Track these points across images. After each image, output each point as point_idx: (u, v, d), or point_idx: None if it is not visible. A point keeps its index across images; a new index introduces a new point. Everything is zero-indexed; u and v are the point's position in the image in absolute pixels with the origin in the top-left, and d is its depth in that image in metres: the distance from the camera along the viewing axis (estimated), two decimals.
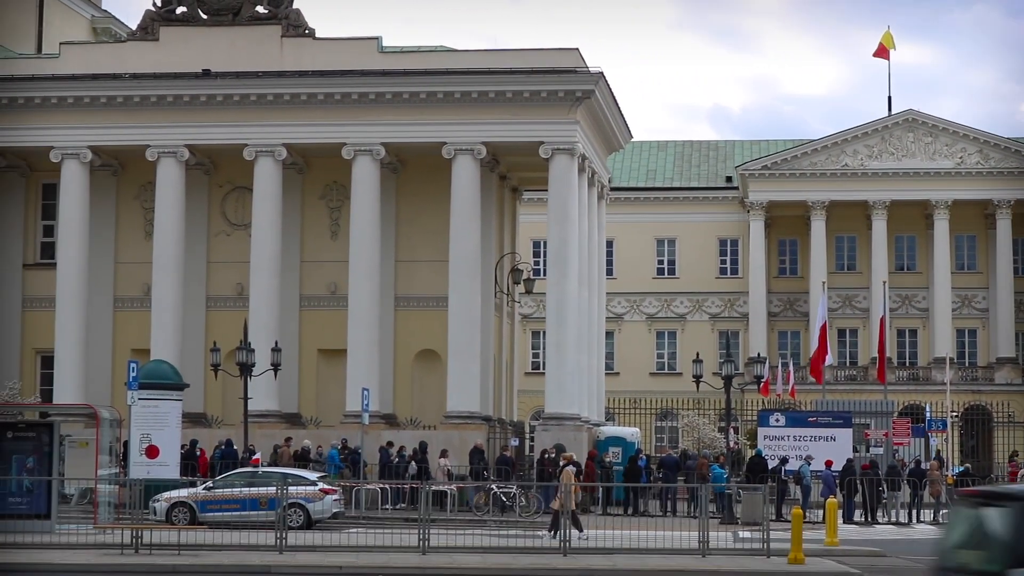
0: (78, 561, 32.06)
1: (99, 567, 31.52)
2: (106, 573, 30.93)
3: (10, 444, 39.45)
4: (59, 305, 56.62)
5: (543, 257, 68.70)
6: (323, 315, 58.25)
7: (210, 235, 59.11)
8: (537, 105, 55.12)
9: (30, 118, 56.72)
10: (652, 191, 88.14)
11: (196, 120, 56.19)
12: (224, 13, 56.55)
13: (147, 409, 43.86)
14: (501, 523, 42.85)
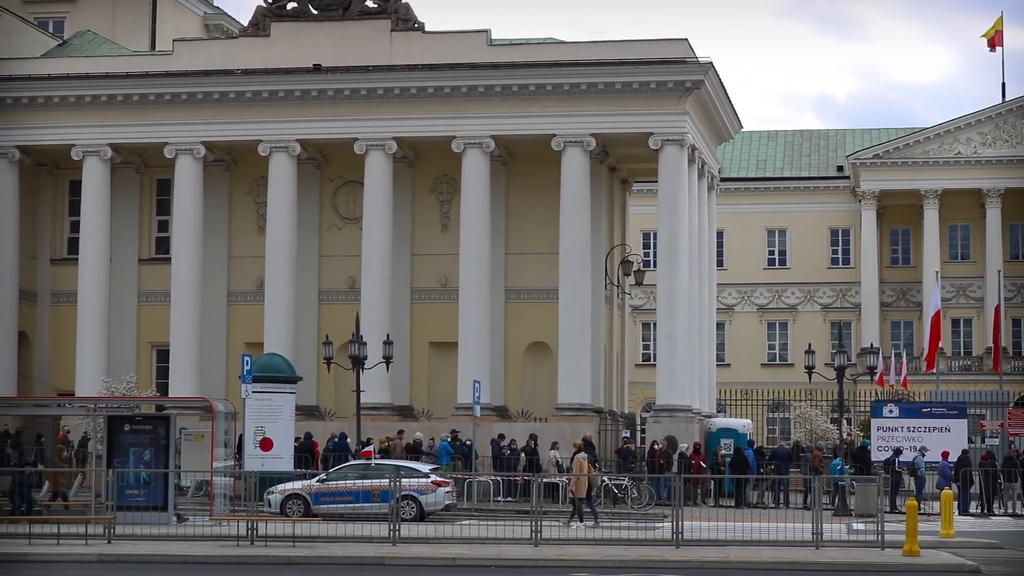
0: (195, 552, 32.44)
1: (216, 558, 31.88)
2: (223, 564, 31.27)
3: (128, 437, 39.99)
4: (174, 299, 57.26)
5: (653, 248, 68.45)
6: (434, 308, 58.48)
7: (322, 229, 59.52)
8: (646, 96, 54.99)
9: (145, 115, 57.39)
10: (762, 181, 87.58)
11: (307, 115, 56.59)
12: (334, 8, 56.89)
13: (261, 402, 44.25)
14: (613, 515, 42.83)
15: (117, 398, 49.04)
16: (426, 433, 53.40)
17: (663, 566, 30.10)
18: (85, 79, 57.49)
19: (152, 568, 30.63)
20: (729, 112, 62.43)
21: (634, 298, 72.61)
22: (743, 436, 56.58)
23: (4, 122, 57.91)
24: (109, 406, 42.52)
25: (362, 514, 40.31)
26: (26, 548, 32.85)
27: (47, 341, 60.74)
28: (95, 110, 57.59)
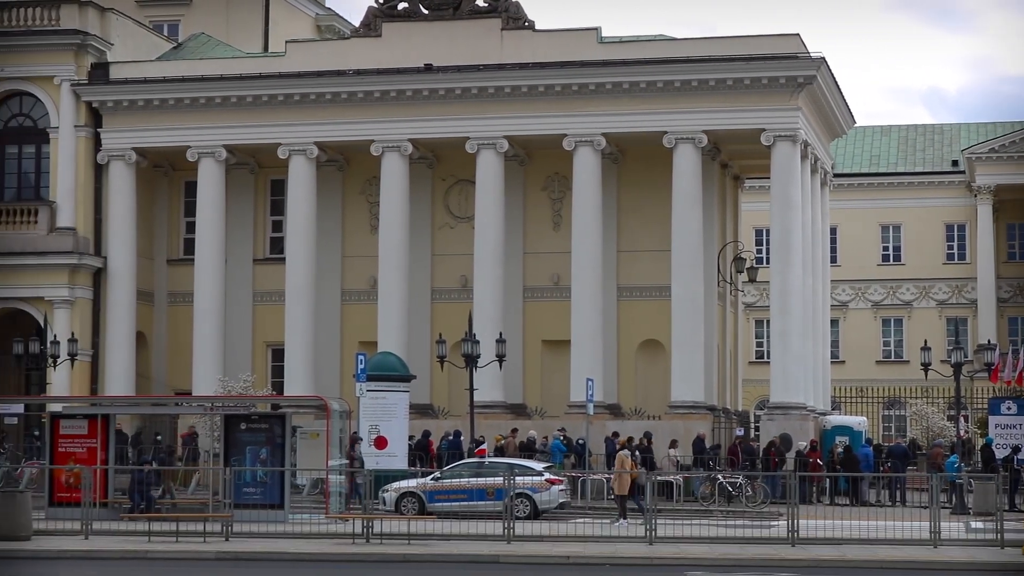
0: (311, 550, 32.69)
1: (332, 556, 32.11)
2: (339, 562, 31.49)
3: (244, 436, 40.34)
4: (288, 299, 57.72)
5: (766, 245, 68.08)
6: (546, 306, 58.51)
7: (434, 228, 59.74)
8: (758, 92, 54.71)
9: (258, 116, 57.88)
10: (876, 176, 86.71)
11: (419, 114, 56.82)
12: (445, 8, 57.08)
13: (375, 400, 44.50)
14: (727, 513, 42.65)
15: (233, 397, 49.53)
16: (539, 431, 53.44)
17: (779, 564, 29.92)
18: (200, 81, 58.11)
19: (269, 565, 30.89)
20: (841, 107, 61.94)
21: (747, 295, 72.20)
22: (858, 434, 56.10)
23: (121, 125, 58.62)
24: (226, 405, 42.95)
25: (476, 512, 40.41)
26: (146, 546, 33.27)
27: (164, 341, 61.42)
28: (209, 112, 58.18)
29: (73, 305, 57.85)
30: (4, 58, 58.24)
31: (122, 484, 42.58)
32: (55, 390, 55.73)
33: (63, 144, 58.32)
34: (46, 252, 57.80)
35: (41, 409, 50.51)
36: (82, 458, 40.54)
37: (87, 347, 57.67)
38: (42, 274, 57.75)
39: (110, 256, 58.57)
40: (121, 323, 58.44)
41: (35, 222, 58.27)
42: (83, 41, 58.20)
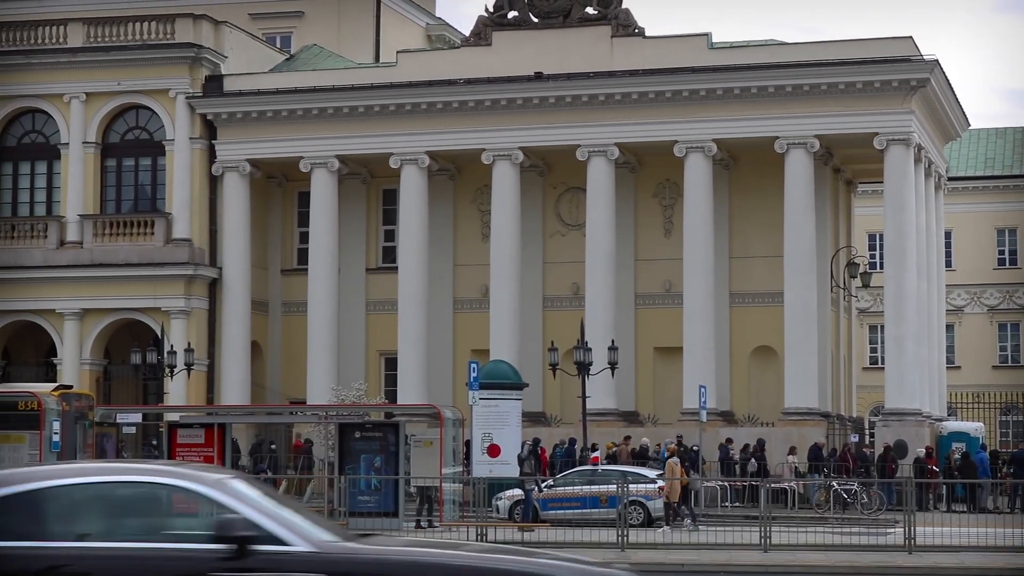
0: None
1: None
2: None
3: (358, 444, 40.62)
4: (401, 308, 58.01)
5: (879, 250, 67.43)
6: (658, 313, 58.39)
7: (545, 236, 59.82)
8: (871, 96, 54.28)
9: (370, 126, 58.27)
10: (991, 179, 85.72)
11: (529, 123, 56.92)
12: (554, 16, 57.17)
13: (488, 409, 44.62)
14: (843, 520, 42.32)
15: (347, 406, 49.80)
16: (652, 438, 53.31)
17: (896, 572, 29.66)
18: (312, 92, 58.61)
19: None
20: (955, 110, 61.33)
21: (860, 300, 71.61)
22: (975, 440, 55.46)
23: (235, 136, 59.25)
24: (340, 414, 43.25)
25: (589, 520, 40.38)
26: None
27: (279, 350, 61.95)
28: (322, 122, 58.65)
29: (189, 315, 58.52)
30: (121, 72, 59.06)
31: None
32: (172, 399, 56.36)
33: (178, 156, 59.03)
34: (163, 263, 58.50)
35: (158, 418, 51.12)
36: None
37: (203, 357, 58.31)
38: (159, 285, 58.46)
39: (225, 267, 59.19)
40: (236, 333, 59.02)
41: (152, 234, 59.01)
42: (198, 54, 58.89)
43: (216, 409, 52.20)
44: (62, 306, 58.88)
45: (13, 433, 36.51)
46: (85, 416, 39.23)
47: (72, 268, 58.89)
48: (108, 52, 59.29)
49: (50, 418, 35.91)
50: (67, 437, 36.99)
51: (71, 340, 58.90)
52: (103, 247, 58.97)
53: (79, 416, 38.63)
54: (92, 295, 58.75)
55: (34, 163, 60.96)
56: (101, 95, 59.53)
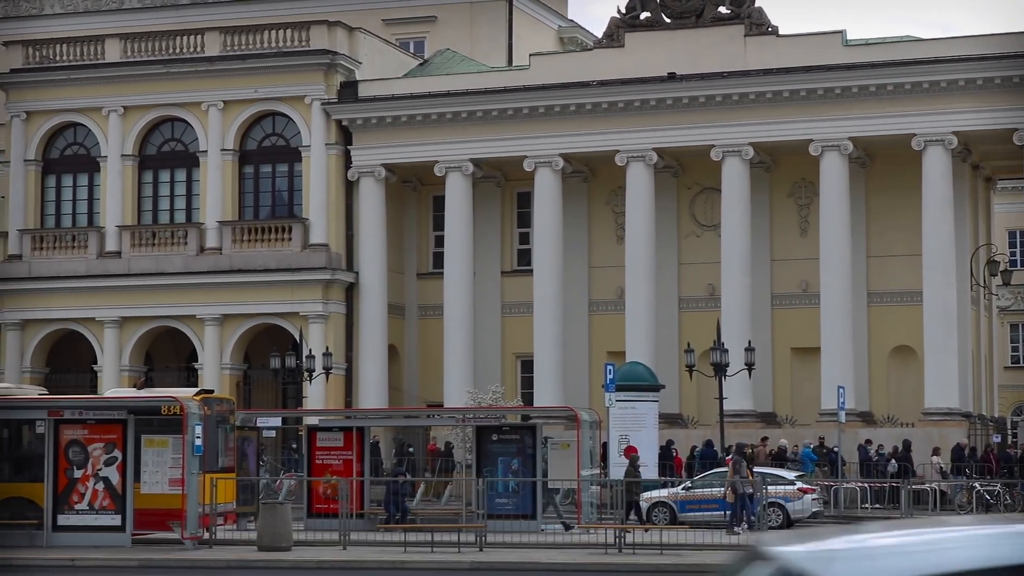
0: (565, 560, 32.87)
1: (585, 566, 32.25)
2: (592, 572, 31.63)
3: (495, 446, 40.82)
4: (536, 310, 58.12)
5: (1020, 247, 66.57)
6: (795, 313, 57.99)
7: (680, 236, 59.64)
8: (1009, 91, 53.51)
9: (504, 129, 58.46)
10: None
11: (663, 123, 56.80)
12: (687, 16, 57.01)
13: (624, 410, 44.57)
14: None
15: (484, 408, 49.97)
16: (790, 439, 52.96)
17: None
18: (446, 96, 58.93)
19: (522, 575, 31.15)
20: None
21: (1000, 298, 70.63)
22: None
23: (370, 142, 59.72)
24: (477, 416, 43.44)
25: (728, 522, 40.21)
26: (402, 556, 33.80)
27: (415, 354, 62.33)
28: (456, 126, 58.95)
29: (327, 320, 59.04)
30: (257, 80, 59.77)
31: (377, 495, 43.36)
32: (311, 403, 56.94)
33: (315, 162, 59.60)
34: (300, 268, 59.06)
35: (298, 422, 51.67)
36: (338, 470, 41.42)
37: (341, 361, 58.81)
38: (297, 290, 59.06)
39: (362, 271, 59.65)
40: (373, 337, 59.46)
41: (289, 239, 59.61)
42: (332, 61, 59.43)
43: (354, 413, 52.68)
44: (202, 312, 59.69)
45: (156, 437, 37.02)
46: (226, 420, 39.72)
47: (212, 274, 59.65)
48: (244, 60, 60.04)
49: (192, 422, 36.37)
50: (209, 441, 37.44)
51: (211, 345, 59.70)
52: (242, 253, 59.69)
53: (220, 420, 39.12)
54: (231, 301, 59.49)
55: (174, 171, 61.85)
56: (238, 103, 60.27)
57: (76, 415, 37.59)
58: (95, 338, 61.06)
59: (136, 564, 33.80)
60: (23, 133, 62.32)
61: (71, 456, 37.17)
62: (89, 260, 61.06)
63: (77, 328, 61.54)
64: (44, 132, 62.31)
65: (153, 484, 36.74)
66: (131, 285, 60.31)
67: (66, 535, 36.69)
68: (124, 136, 61.30)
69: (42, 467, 37.36)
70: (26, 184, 62.36)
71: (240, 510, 40.25)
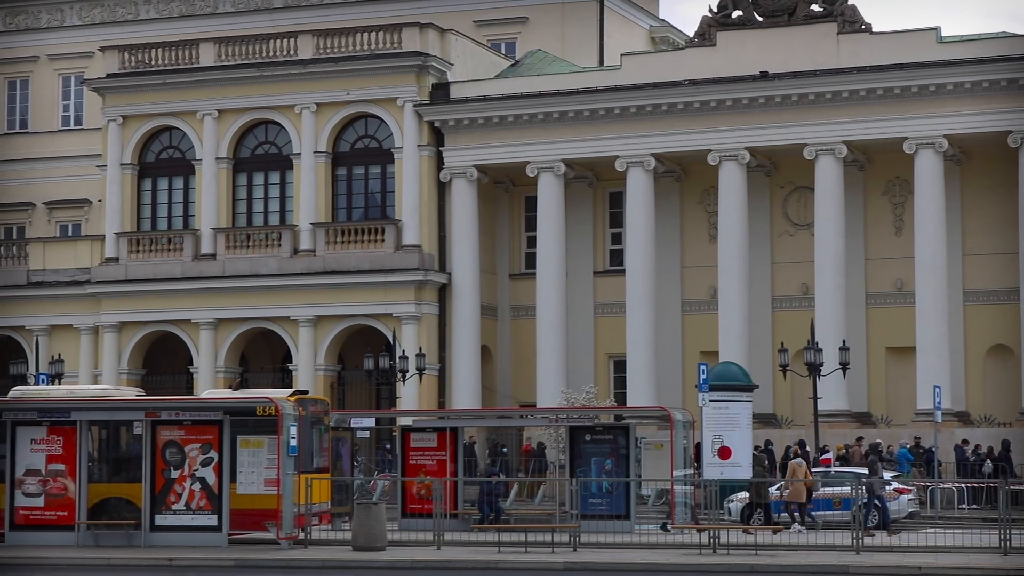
0: (658, 560, 32.84)
1: (679, 567, 32.20)
2: (686, 572, 31.55)
3: (588, 447, 40.87)
4: (629, 310, 58.04)
5: None
6: (889, 312, 57.57)
7: (773, 236, 59.35)
8: None
9: (595, 129, 58.42)
10: None
11: (755, 122, 56.57)
12: (779, 14, 56.74)
13: (718, 411, 44.42)
14: None
15: (577, 408, 49.99)
16: (885, 439, 52.57)
17: None
18: (537, 97, 58.98)
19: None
20: None
21: None
22: None
23: (462, 143, 59.86)
24: (570, 416, 43.46)
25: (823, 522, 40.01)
26: (496, 556, 33.89)
27: (508, 354, 62.40)
28: (548, 127, 58.99)
29: (420, 320, 59.24)
30: (350, 82, 60.08)
31: (471, 495, 43.48)
32: (404, 404, 57.19)
33: (407, 163, 59.83)
34: (393, 269, 59.28)
35: (391, 423, 51.97)
36: (432, 470, 41.61)
37: (434, 361, 58.99)
38: (390, 291, 59.28)
39: (454, 272, 59.81)
40: (466, 337, 59.59)
41: (382, 240, 59.85)
42: (424, 62, 59.64)
43: (448, 413, 52.81)
44: (296, 313, 60.08)
45: (252, 438, 37.33)
46: (321, 421, 39.97)
47: (305, 276, 60.03)
48: (337, 63, 60.36)
49: (287, 423, 36.67)
50: (304, 442, 37.72)
51: (306, 346, 60.06)
52: (335, 255, 60.01)
53: (315, 421, 39.37)
54: (325, 302, 59.84)
55: (267, 173, 62.32)
56: (331, 105, 60.60)
57: (173, 416, 38.00)
58: (191, 340, 61.62)
59: (232, 564, 34.13)
60: (119, 137, 63.00)
61: (168, 457, 37.60)
62: (185, 262, 61.62)
63: (173, 330, 62.13)
64: (140, 136, 62.95)
65: (249, 484, 37.07)
66: (226, 287, 60.81)
67: (163, 535, 37.12)
68: (219, 139, 61.82)
69: (140, 468, 37.82)
70: (122, 187, 63.03)
71: (335, 510, 40.50)
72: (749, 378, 47.93)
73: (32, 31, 73.97)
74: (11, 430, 38.60)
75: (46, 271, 63.46)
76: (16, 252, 64.45)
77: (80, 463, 38.24)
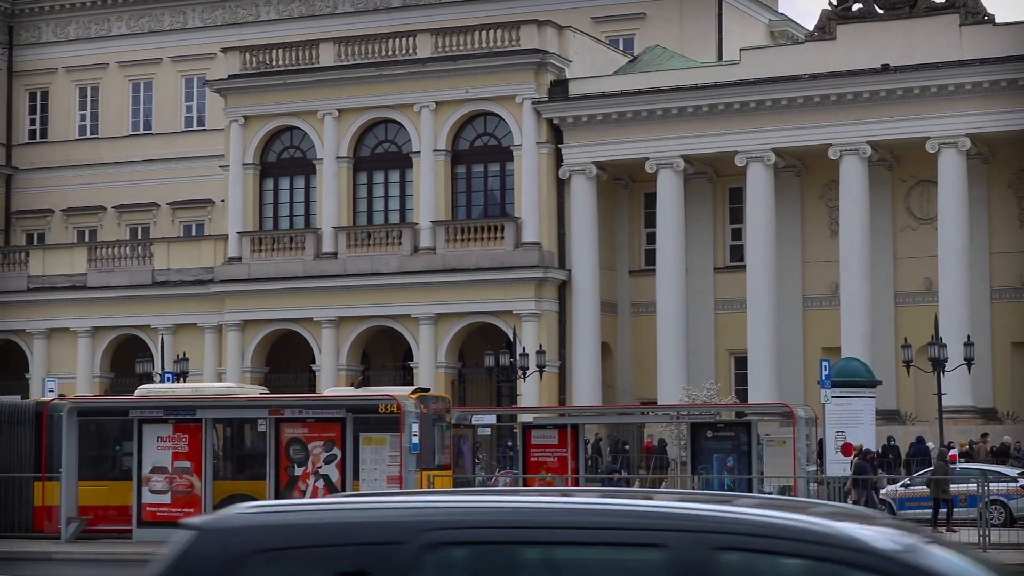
0: None
1: None
2: None
3: (710, 444, 40.77)
4: (750, 306, 57.74)
5: None
6: (1015, 307, 56.85)
7: (895, 230, 58.79)
8: None
9: (714, 124, 58.19)
10: None
11: (876, 116, 56.06)
12: (900, 6, 56.18)
13: (840, 407, 44.11)
14: None
15: (698, 405, 49.85)
16: (1012, 436, 51.92)
17: None
18: (656, 93, 58.84)
19: None
20: None
21: None
22: None
23: (580, 139, 59.86)
24: (691, 413, 43.35)
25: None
26: None
27: (628, 351, 62.29)
28: (666, 123, 58.82)
29: (540, 318, 59.32)
30: (468, 80, 60.26)
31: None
32: (525, 401, 57.26)
33: (526, 161, 59.92)
34: (512, 267, 59.40)
35: (512, 420, 52.07)
36: (553, 467, 41.67)
37: (554, 359, 59.01)
38: (510, 288, 59.41)
39: (574, 269, 59.82)
40: (586, 334, 59.59)
41: (501, 238, 60.00)
42: (542, 60, 59.69)
43: (568, 410, 52.83)
44: (417, 311, 60.36)
45: (374, 435, 37.57)
46: (442, 418, 40.12)
47: (426, 274, 60.31)
48: (456, 61, 60.57)
49: (409, 421, 36.86)
50: (425, 439, 37.89)
51: (426, 344, 60.33)
52: (455, 252, 60.23)
53: (437, 418, 39.53)
54: (445, 300, 60.08)
55: (387, 172, 62.66)
56: (450, 103, 60.82)
57: (296, 414, 38.34)
58: (313, 338, 62.13)
59: None
60: (241, 138, 63.63)
61: (292, 454, 37.92)
62: (306, 261, 62.12)
63: (295, 328, 62.69)
64: (261, 136, 63.54)
65: (371, 482, 37.27)
66: (347, 285, 61.23)
67: None
68: (339, 138, 62.25)
69: (264, 465, 38.17)
70: (244, 187, 63.66)
71: None
72: (872, 374, 47.53)
73: (155, 33, 75.13)
74: (138, 428, 39.11)
75: (170, 271, 64.29)
76: (141, 252, 65.34)
77: (205, 460, 38.66)
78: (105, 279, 64.94)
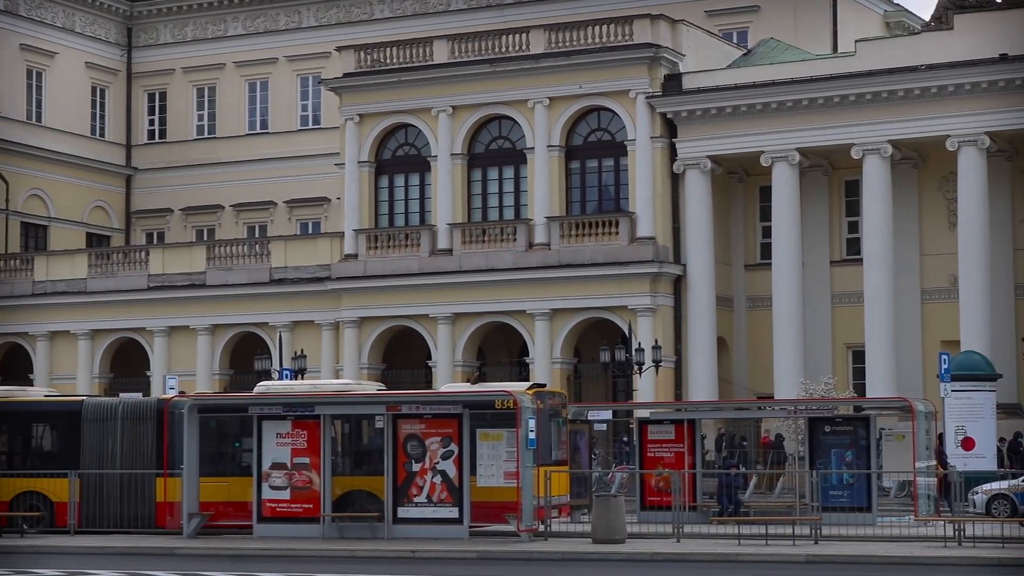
0: (901, 553, 32.42)
1: (923, 559, 31.76)
2: (930, 565, 31.12)
3: (828, 438, 40.43)
4: (867, 299, 57.25)
5: None
6: None
7: (1014, 222, 58.07)
8: None
9: (830, 117, 57.73)
10: None
11: (995, 107, 55.36)
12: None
13: (960, 401, 43.68)
14: None
15: (816, 400, 49.54)
16: None
17: None
18: (770, 86, 58.51)
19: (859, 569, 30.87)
20: None
21: None
22: None
23: (695, 134, 59.61)
24: (809, 408, 43.09)
25: None
26: (735, 548, 33.79)
27: (744, 345, 61.99)
28: (781, 116, 58.47)
29: (655, 313, 59.19)
30: (582, 75, 60.25)
31: (709, 488, 43.36)
32: (641, 396, 57.16)
33: (640, 155, 59.81)
34: (627, 262, 59.31)
35: (628, 415, 52.06)
36: (670, 462, 41.61)
37: (670, 353, 58.86)
38: (624, 283, 59.32)
39: (689, 263, 59.64)
40: (702, 329, 59.37)
41: (616, 233, 59.90)
42: (656, 54, 59.54)
43: (684, 405, 52.67)
44: (532, 307, 60.44)
45: (491, 431, 37.72)
46: (559, 414, 40.18)
47: (541, 269, 60.37)
48: (569, 56, 60.56)
49: (526, 416, 36.95)
50: (542, 435, 37.95)
51: (542, 339, 60.41)
52: (570, 248, 60.25)
53: (553, 414, 39.59)
54: (560, 295, 60.11)
55: (502, 168, 62.76)
56: (563, 99, 60.86)
57: (413, 410, 38.55)
58: (428, 334, 62.41)
59: (474, 556, 34.56)
60: (356, 135, 64.02)
61: (409, 450, 38.15)
62: (422, 258, 62.40)
63: (411, 325, 63.01)
64: (376, 134, 63.88)
65: (489, 477, 37.45)
66: (462, 282, 61.43)
67: (405, 527, 37.69)
68: (453, 135, 62.48)
69: (382, 461, 38.45)
70: (360, 185, 64.06)
71: (574, 503, 40.74)
72: (992, 367, 47.03)
73: (271, 33, 75.92)
74: (257, 424, 39.51)
75: (287, 268, 64.88)
76: (259, 250, 65.97)
77: (324, 456, 38.97)
78: (223, 277, 65.67)
